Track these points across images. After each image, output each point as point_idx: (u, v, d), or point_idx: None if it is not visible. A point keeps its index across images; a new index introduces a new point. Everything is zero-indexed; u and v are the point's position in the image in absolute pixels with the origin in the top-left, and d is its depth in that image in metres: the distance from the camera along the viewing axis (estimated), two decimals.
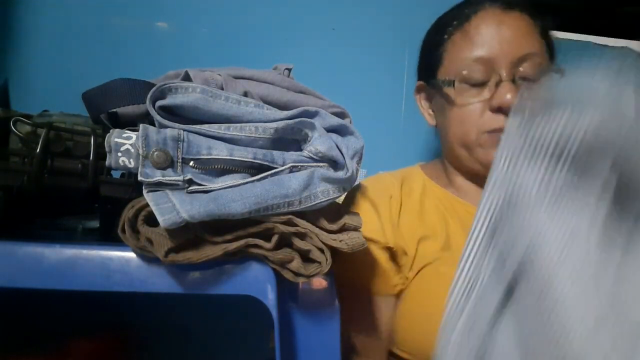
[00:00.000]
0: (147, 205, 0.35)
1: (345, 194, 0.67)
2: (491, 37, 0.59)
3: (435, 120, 0.70)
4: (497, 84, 0.58)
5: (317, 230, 0.39)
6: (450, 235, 0.61)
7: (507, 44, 0.58)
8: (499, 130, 0.55)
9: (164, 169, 0.36)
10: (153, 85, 0.37)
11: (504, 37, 0.59)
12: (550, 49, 0.63)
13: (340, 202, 0.67)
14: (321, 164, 0.40)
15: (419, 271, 0.60)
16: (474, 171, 0.64)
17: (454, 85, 0.61)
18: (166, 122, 0.37)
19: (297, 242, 0.38)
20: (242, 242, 0.36)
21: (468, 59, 0.60)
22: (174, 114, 0.38)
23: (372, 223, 0.61)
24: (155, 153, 0.35)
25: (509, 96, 0.57)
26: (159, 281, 0.36)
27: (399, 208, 0.64)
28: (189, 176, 0.36)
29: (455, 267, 0.55)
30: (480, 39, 0.59)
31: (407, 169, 0.72)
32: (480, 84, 0.60)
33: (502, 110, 0.58)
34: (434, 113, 0.70)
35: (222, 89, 0.40)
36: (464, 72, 0.60)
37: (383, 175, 0.70)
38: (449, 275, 0.56)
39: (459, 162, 0.66)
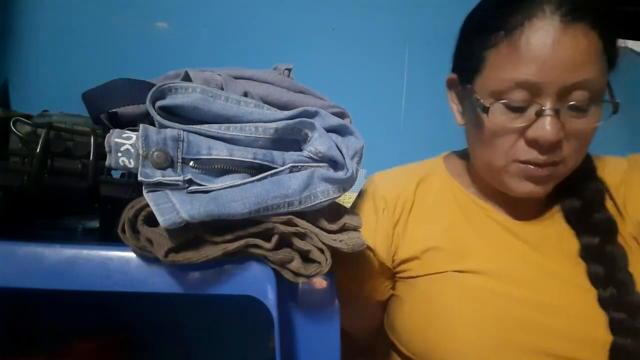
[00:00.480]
0: (147, 205, 0.35)
1: (360, 188, 0.68)
2: (543, 58, 0.48)
3: (464, 123, 0.61)
4: (538, 114, 0.49)
5: (317, 230, 0.39)
6: (465, 242, 0.57)
7: (559, 69, 0.47)
8: (531, 163, 0.51)
9: (164, 169, 0.36)
10: (153, 85, 0.37)
11: (558, 60, 0.47)
12: (612, 61, 0.52)
13: (356, 195, 0.66)
14: (321, 164, 0.40)
15: (425, 275, 0.58)
16: (489, 186, 0.60)
17: (487, 112, 0.52)
18: (166, 122, 0.37)
19: (297, 242, 0.38)
20: (242, 242, 0.36)
21: (511, 81, 0.50)
22: (174, 114, 0.38)
23: (369, 230, 0.59)
24: (155, 153, 0.35)
25: (550, 133, 0.48)
26: (159, 281, 0.36)
27: (409, 211, 0.60)
28: (189, 176, 0.36)
29: (471, 275, 0.54)
30: (530, 58, 0.48)
31: (430, 162, 0.67)
32: (520, 109, 0.50)
33: (538, 144, 0.50)
34: (464, 115, 0.61)
35: (222, 89, 0.40)
36: (502, 94, 0.51)
37: (400, 174, 0.65)
38: (462, 283, 0.54)
39: (476, 172, 0.61)
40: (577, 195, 0.57)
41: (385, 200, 0.61)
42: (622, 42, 0.56)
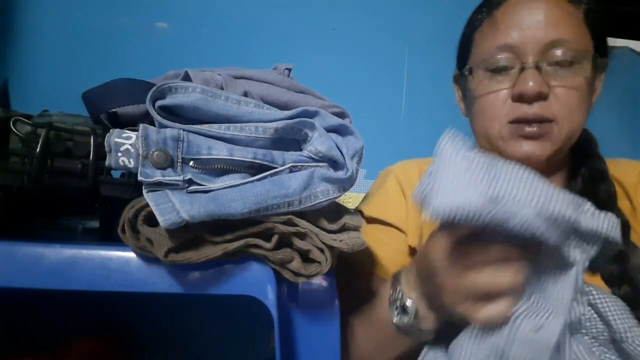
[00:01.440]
0: (147, 205, 0.35)
1: (379, 175, 0.68)
2: (518, 23, 0.55)
3: (467, 113, 0.66)
4: (521, 71, 0.54)
5: (317, 230, 0.39)
6: None
7: (535, 29, 0.54)
8: (521, 120, 0.54)
9: (163, 169, 0.36)
10: (153, 85, 0.37)
11: (532, 22, 0.54)
12: (598, 36, 0.57)
13: (372, 183, 0.68)
14: (321, 164, 0.40)
15: None
16: None
17: (472, 74, 0.58)
18: (166, 122, 0.37)
19: (297, 242, 0.38)
20: (242, 242, 0.36)
21: (492, 47, 0.56)
22: (174, 114, 0.38)
23: (400, 212, 0.62)
24: (155, 153, 0.35)
25: (531, 83, 0.53)
26: (159, 281, 0.36)
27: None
28: (189, 176, 0.36)
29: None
30: (506, 25, 0.56)
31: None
32: (505, 73, 0.56)
33: (523, 98, 0.54)
34: (465, 104, 0.66)
35: (222, 89, 0.40)
36: (487, 61, 0.57)
37: (418, 162, 0.68)
38: None
39: None
40: (589, 195, 0.57)
41: (410, 183, 0.64)
42: (622, 42, 0.57)
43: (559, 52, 0.53)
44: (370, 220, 0.63)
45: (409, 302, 0.44)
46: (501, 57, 0.55)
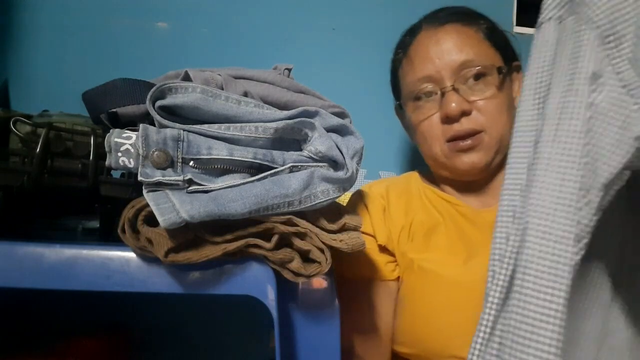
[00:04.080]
0: (147, 205, 0.35)
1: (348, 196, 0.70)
2: (429, 55, 0.63)
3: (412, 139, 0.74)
4: (442, 94, 0.62)
5: (317, 230, 0.39)
6: (436, 232, 0.63)
7: (444, 57, 0.62)
8: (456, 138, 0.62)
9: (164, 169, 0.36)
10: (153, 85, 0.37)
11: (440, 51, 0.62)
12: (501, 44, 0.66)
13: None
14: (321, 164, 0.40)
15: (407, 267, 0.62)
16: (449, 180, 0.68)
17: (405, 107, 0.68)
18: (166, 122, 0.37)
19: (297, 242, 0.38)
20: (242, 242, 0.36)
21: (413, 81, 0.65)
22: (174, 114, 0.38)
23: (364, 219, 0.65)
24: (155, 153, 0.35)
25: (453, 105, 0.60)
26: (159, 281, 0.36)
27: (389, 207, 0.68)
28: (189, 176, 0.36)
29: (439, 266, 0.59)
30: (420, 59, 0.64)
31: (403, 175, 0.75)
32: (430, 100, 0.64)
33: (450, 119, 0.61)
34: (409, 132, 0.74)
35: (222, 89, 0.40)
36: (413, 93, 0.65)
37: (372, 184, 0.74)
38: (432, 273, 0.59)
39: (436, 175, 0.71)
40: None
41: (372, 199, 0.69)
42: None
43: (468, 71, 0.61)
44: None
45: None
46: (423, 87, 0.64)
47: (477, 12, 0.68)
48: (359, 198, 0.69)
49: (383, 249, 0.65)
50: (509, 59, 0.66)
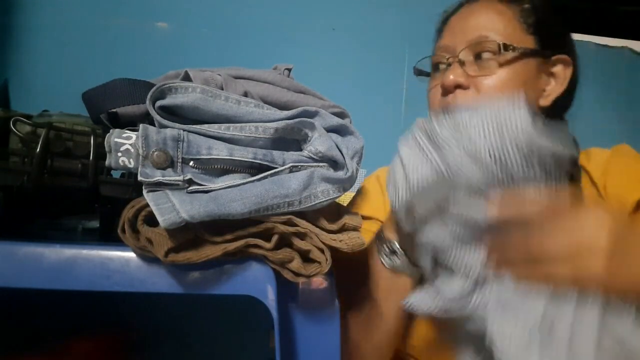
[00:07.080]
0: (147, 205, 0.35)
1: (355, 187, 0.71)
2: (453, 29, 0.63)
3: None
4: (449, 66, 0.61)
5: (317, 230, 0.39)
6: None
7: (463, 30, 0.61)
8: (447, 110, 0.59)
9: (164, 169, 0.36)
10: (153, 85, 0.37)
11: (463, 25, 0.62)
12: (543, 31, 0.62)
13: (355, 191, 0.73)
14: (321, 164, 0.40)
15: None
16: None
17: (420, 74, 0.69)
18: (166, 122, 0.37)
19: (297, 242, 0.38)
20: (242, 242, 0.36)
21: (435, 49, 0.65)
22: (174, 114, 0.38)
23: (377, 204, 0.68)
24: (155, 153, 0.35)
25: (451, 76, 0.59)
26: (159, 281, 0.36)
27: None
28: (189, 176, 0.36)
29: None
30: (448, 29, 0.64)
31: None
32: (441, 70, 0.63)
33: (445, 90, 0.60)
34: None
35: (222, 89, 0.40)
36: (433, 61, 0.65)
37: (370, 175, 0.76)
38: None
39: None
40: None
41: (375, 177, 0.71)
42: (622, 42, 0.59)
43: (482, 46, 0.59)
44: None
45: (395, 245, 0.52)
46: (439, 55, 0.63)
47: None
48: (359, 190, 0.70)
49: None
50: (548, 48, 0.62)
